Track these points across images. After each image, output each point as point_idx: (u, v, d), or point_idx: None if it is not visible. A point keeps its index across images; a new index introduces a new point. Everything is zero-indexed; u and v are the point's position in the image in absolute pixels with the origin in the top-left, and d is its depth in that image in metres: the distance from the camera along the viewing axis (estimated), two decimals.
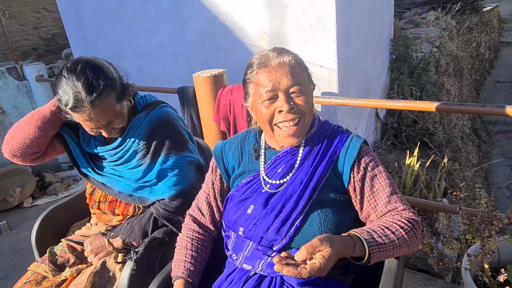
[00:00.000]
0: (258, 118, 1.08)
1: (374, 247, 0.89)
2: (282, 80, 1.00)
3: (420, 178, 2.60)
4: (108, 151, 1.38)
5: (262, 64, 1.03)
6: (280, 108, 1.01)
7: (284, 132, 1.04)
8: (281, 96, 1.01)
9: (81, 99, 1.15)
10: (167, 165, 1.34)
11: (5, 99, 3.69)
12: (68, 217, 1.70)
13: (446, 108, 1.69)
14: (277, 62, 1.02)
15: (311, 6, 2.50)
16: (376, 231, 0.93)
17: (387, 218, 1.00)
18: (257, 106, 1.05)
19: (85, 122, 1.22)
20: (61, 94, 1.18)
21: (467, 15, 7.09)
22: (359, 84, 3.19)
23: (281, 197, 1.04)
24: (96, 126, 1.23)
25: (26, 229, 2.99)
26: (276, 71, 1.01)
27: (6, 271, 2.48)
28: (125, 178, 1.39)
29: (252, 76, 1.04)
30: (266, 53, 1.05)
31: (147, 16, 3.23)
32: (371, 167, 1.05)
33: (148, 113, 1.37)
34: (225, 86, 2.22)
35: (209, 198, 1.22)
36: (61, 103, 1.19)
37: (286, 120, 1.02)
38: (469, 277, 1.33)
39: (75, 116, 1.20)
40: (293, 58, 1.04)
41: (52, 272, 1.38)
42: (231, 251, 1.11)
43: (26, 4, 7.58)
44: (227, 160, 1.19)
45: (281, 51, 1.04)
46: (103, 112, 1.20)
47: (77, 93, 1.15)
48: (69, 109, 1.18)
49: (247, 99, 1.11)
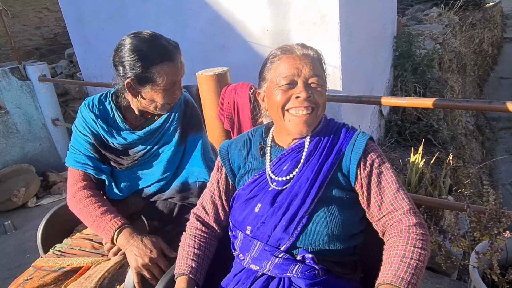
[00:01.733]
0: (272, 102, 1.08)
1: (415, 287, 0.88)
2: (304, 68, 1.03)
3: (425, 175, 2.59)
4: (148, 135, 1.40)
5: (287, 51, 1.07)
6: (298, 94, 1.03)
7: (296, 118, 1.04)
8: (300, 83, 1.03)
9: (171, 49, 1.29)
10: (199, 144, 1.45)
11: (8, 99, 3.69)
12: (73, 217, 1.69)
13: (452, 105, 1.68)
14: (301, 53, 1.06)
15: (314, 4, 2.48)
16: (403, 269, 0.90)
17: (399, 237, 0.98)
18: (273, 91, 1.06)
19: (172, 76, 1.29)
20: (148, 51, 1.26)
21: (470, 11, 7.06)
22: (363, 81, 3.18)
23: (288, 195, 1.04)
24: (180, 75, 1.33)
25: (31, 228, 3.00)
26: (300, 59, 1.04)
27: (12, 271, 2.49)
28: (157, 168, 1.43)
29: (275, 61, 1.07)
30: (291, 45, 1.09)
31: (148, 15, 3.22)
32: (377, 163, 1.04)
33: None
34: (229, 85, 2.21)
35: (214, 197, 1.21)
36: (155, 58, 1.26)
37: (301, 106, 1.03)
38: (477, 274, 1.32)
39: (166, 70, 1.27)
40: (316, 54, 1.09)
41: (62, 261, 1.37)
42: (238, 251, 1.11)
43: (28, 4, 7.59)
44: (232, 159, 1.19)
45: (306, 46, 1.09)
46: (183, 65, 1.34)
47: (167, 45, 1.29)
48: (167, 60, 1.27)
49: (262, 85, 1.12)
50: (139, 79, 1.27)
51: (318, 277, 0.99)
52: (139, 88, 1.30)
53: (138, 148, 1.41)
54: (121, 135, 1.39)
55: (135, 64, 1.25)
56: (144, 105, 1.36)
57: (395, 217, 1.01)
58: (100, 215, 1.33)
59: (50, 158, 4.01)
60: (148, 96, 1.32)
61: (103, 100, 1.44)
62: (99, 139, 1.41)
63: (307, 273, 0.99)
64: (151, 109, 1.37)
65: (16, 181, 3.55)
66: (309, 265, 1.00)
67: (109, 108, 1.42)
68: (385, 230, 1.03)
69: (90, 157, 1.41)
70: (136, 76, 1.27)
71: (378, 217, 1.03)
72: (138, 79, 1.27)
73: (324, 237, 0.99)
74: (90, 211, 1.35)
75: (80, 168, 1.41)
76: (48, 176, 3.65)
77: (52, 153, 4.03)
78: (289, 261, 1.00)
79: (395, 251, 0.94)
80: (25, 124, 3.82)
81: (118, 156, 1.41)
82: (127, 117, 1.43)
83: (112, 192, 1.45)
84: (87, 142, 1.41)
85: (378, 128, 3.83)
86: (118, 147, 1.40)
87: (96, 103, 1.43)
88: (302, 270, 0.99)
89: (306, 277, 0.99)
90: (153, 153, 1.42)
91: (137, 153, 1.41)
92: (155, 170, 1.42)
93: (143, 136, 1.39)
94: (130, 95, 1.34)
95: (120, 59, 1.28)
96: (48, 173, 3.69)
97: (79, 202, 1.38)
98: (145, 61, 1.25)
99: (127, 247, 1.29)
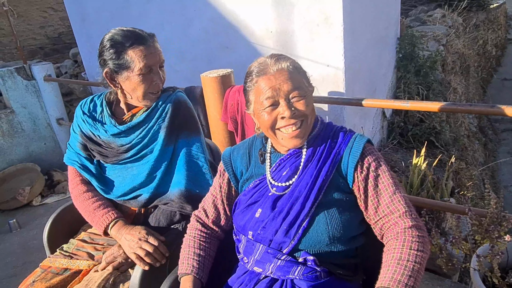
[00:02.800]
0: (261, 124, 1.10)
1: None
2: (282, 86, 1.02)
3: (427, 177, 2.59)
4: (130, 129, 1.41)
5: (261, 72, 1.05)
6: (282, 114, 1.03)
7: (287, 135, 1.06)
8: (282, 102, 1.03)
9: (143, 34, 1.34)
10: (189, 150, 1.44)
11: (14, 98, 3.72)
12: (79, 217, 1.71)
13: (455, 108, 1.69)
14: (275, 69, 1.04)
15: (318, 5, 2.49)
16: (400, 272, 0.91)
17: (395, 240, 0.98)
18: (259, 113, 1.07)
19: (145, 60, 1.31)
20: (121, 36, 1.32)
21: (473, 12, 7.04)
22: (365, 83, 3.19)
23: (288, 199, 1.05)
24: (155, 60, 1.34)
25: (35, 227, 3.03)
26: (275, 78, 1.03)
27: (17, 269, 2.51)
28: (141, 170, 1.43)
29: (252, 84, 1.07)
30: (264, 60, 1.07)
31: (151, 15, 3.24)
32: (374, 166, 1.05)
33: (169, 95, 1.47)
34: (233, 86, 2.22)
35: (216, 201, 1.23)
36: (125, 42, 1.30)
37: (289, 124, 1.04)
38: (478, 277, 1.33)
39: (138, 54, 1.30)
40: (291, 64, 1.06)
41: (68, 262, 1.40)
42: (242, 255, 1.13)
43: (33, 4, 7.63)
44: (235, 165, 1.21)
45: (279, 58, 1.06)
46: (159, 52, 1.36)
47: (139, 32, 1.34)
48: (138, 43, 1.30)
49: (249, 107, 1.13)
50: (116, 67, 1.32)
51: (320, 279, 1.01)
52: (117, 77, 1.34)
53: (122, 141, 1.43)
54: (104, 128, 1.43)
55: (109, 52, 1.31)
56: (128, 96, 1.40)
57: (391, 220, 1.02)
58: (94, 210, 1.40)
59: (55, 157, 4.04)
60: (127, 85, 1.35)
61: (95, 98, 1.50)
62: (86, 135, 1.46)
63: (309, 275, 1.00)
64: (135, 100, 1.41)
65: (21, 180, 3.58)
66: (311, 267, 1.01)
67: (99, 104, 1.48)
68: (383, 233, 1.04)
69: (78, 154, 1.48)
70: (113, 65, 1.32)
71: (375, 219, 1.05)
72: (115, 67, 1.32)
73: (325, 239, 1.01)
74: (85, 206, 1.42)
75: (71, 164, 1.49)
76: (53, 175, 3.68)
77: (56, 152, 4.06)
78: (291, 263, 1.02)
79: (392, 254, 0.95)
80: (30, 124, 3.85)
81: (103, 148, 1.45)
82: (116, 113, 1.47)
83: (101, 190, 1.48)
84: (77, 140, 1.48)
85: (380, 129, 3.83)
86: (103, 139, 1.44)
87: (88, 101, 1.50)
88: (304, 272, 1.00)
89: (308, 279, 1.00)
90: (138, 151, 1.42)
91: (120, 147, 1.43)
92: (142, 170, 1.43)
93: (125, 130, 1.41)
94: (113, 88, 1.39)
95: (100, 53, 1.35)
96: (52, 172, 3.72)
97: (76, 197, 1.46)
98: (117, 46, 1.31)
99: (120, 237, 1.35)
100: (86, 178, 1.48)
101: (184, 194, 1.39)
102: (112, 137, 1.43)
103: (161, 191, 1.42)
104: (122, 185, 1.44)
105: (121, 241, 1.34)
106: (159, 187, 1.42)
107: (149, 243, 1.31)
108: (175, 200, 1.40)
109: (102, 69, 1.37)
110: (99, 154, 1.46)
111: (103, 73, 1.35)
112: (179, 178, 1.40)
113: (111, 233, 1.38)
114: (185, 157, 1.42)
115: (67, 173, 4.20)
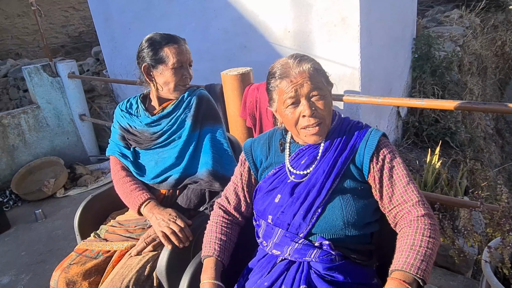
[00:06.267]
0: (285, 121, 1.19)
1: (425, 272, 0.95)
2: (303, 86, 1.10)
3: (441, 176, 2.62)
4: (161, 118, 1.60)
5: (283, 74, 1.13)
6: (303, 113, 1.11)
7: (309, 133, 1.14)
8: (303, 101, 1.11)
9: (176, 36, 1.57)
10: (213, 136, 1.61)
11: (40, 94, 3.88)
12: (106, 206, 1.82)
13: (469, 107, 1.73)
14: (297, 71, 1.11)
15: (335, 6, 2.55)
16: (413, 257, 0.97)
17: (409, 227, 1.05)
18: (282, 111, 1.16)
19: (178, 56, 1.52)
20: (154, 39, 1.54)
21: (492, 13, 6.96)
22: (381, 83, 3.23)
23: (306, 186, 1.13)
24: (186, 58, 1.55)
25: (60, 217, 3.17)
26: (297, 79, 1.11)
27: (44, 256, 2.65)
28: (171, 154, 1.60)
29: (276, 85, 1.15)
30: (286, 62, 1.14)
31: (173, 15, 3.34)
32: (389, 158, 1.12)
33: (194, 90, 1.67)
34: (252, 84, 2.31)
35: (237, 189, 1.32)
36: (162, 41, 1.53)
37: (310, 124, 1.12)
38: (489, 269, 1.38)
39: (172, 51, 1.51)
40: (312, 66, 1.13)
41: (103, 245, 1.51)
42: (261, 239, 1.20)
43: (55, 3, 7.86)
44: (255, 154, 1.30)
45: (301, 60, 1.13)
46: (189, 52, 1.57)
47: (173, 35, 1.57)
48: (173, 42, 1.53)
49: (272, 104, 1.21)
50: (153, 61, 1.53)
51: (335, 262, 1.08)
52: (153, 71, 1.55)
53: (154, 129, 1.61)
54: (139, 120, 1.63)
55: (148, 50, 1.53)
56: (160, 90, 1.58)
57: (405, 208, 1.08)
58: (130, 192, 1.56)
59: (77, 152, 4.19)
60: (160, 79, 1.55)
61: (131, 99, 1.72)
62: (124, 127, 1.66)
63: (325, 258, 1.08)
64: (166, 92, 1.59)
65: (45, 173, 3.74)
66: (326, 251, 1.08)
67: (134, 102, 1.70)
68: (396, 221, 1.11)
69: (118, 144, 1.68)
70: (150, 59, 1.53)
71: (389, 208, 1.11)
72: (152, 61, 1.53)
73: (340, 224, 1.08)
74: (124, 188, 1.58)
75: (112, 154, 1.68)
76: (75, 168, 3.83)
77: (78, 147, 4.21)
78: (307, 247, 1.09)
79: (406, 240, 1.02)
80: (54, 119, 4.01)
81: (138, 137, 1.64)
82: (149, 108, 1.67)
83: (137, 174, 1.64)
84: (116, 133, 1.69)
85: (395, 129, 3.86)
86: (138, 129, 1.63)
87: (125, 102, 1.72)
88: (320, 255, 1.08)
89: (324, 262, 1.07)
90: (168, 137, 1.60)
91: (153, 135, 1.61)
92: (171, 153, 1.60)
93: (157, 119, 1.61)
94: (149, 82, 1.58)
95: (139, 53, 1.58)
96: (75, 165, 3.86)
97: (117, 182, 1.63)
98: (154, 45, 1.53)
99: (151, 216, 1.48)
100: (125, 164, 1.65)
101: (212, 173, 1.54)
102: (146, 127, 1.62)
103: (189, 172, 1.58)
104: (155, 168, 1.60)
105: (152, 220, 1.47)
106: (187, 168, 1.57)
107: (176, 224, 1.43)
108: (204, 179, 1.55)
109: (140, 66, 1.56)
110: (134, 142, 1.65)
111: (141, 68, 1.55)
112: (206, 159, 1.57)
113: (143, 212, 1.51)
114: (210, 141, 1.60)
115: (89, 167, 4.34)
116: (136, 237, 1.53)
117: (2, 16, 7.35)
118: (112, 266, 1.46)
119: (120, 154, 1.67)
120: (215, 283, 1.13)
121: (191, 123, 1.59)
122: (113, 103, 4.37)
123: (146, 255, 1.45)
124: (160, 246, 1.46)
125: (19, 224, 3.14)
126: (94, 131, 4.32)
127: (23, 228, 3.08)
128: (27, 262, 2.60)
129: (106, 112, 4.41)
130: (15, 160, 3.73)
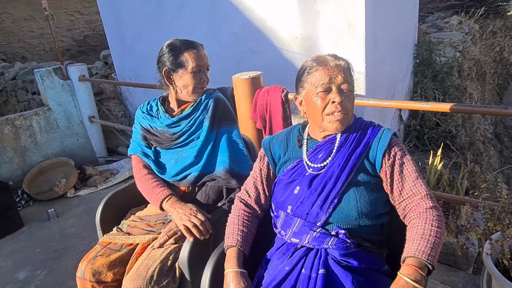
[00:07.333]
0: (312, 107, 1.26)
1: (434, 258, 1.05)
2: (337, 76, 1.21)
3: (443, 177, 2.72)
4: (180, 119, 1.69)
5: (322, 62, 1.24)
6: (333, 99, 1.21)
7: (334, 119, 1.23)
8: (334, 89, 1.21)
9: (195, 42, 1.67)
10: (229, 136, 1.71)
11: (51, 96, 3.98)
12: (125, 202, 1.90)
13: (471, 109, 1.83)
14: (334, 64, 1.23)
15: (342, 12, 2.65)
16: (424, 244, 1.07)
17: (418, 218, 1.14)
18: (312, 98, 1.25)
19: (197, 61, 1.61)
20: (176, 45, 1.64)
21: (490, 19, 7.10)
22: (385, 87, 3.33)
23: (323, 178, 1.23)
24: (204, 63, 1.65)
25: (71, 216, 3.25)
26: (333, 69, 1.22)
27: (58, 252, 2.73)
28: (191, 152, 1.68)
29: (312, 71, 1.25)
30: (324, 56, 1.27)
31: (184, 20, 3.44)
32: (400, 155, 1.22)
33: (211, 93, 1.76)
34: (262, 87, 2.40)
35: (256, 183, 1.42)
36: (182, 46, 1.62)
37: (336, 110, 1.22)
38: (490, 261, 1.47)
39: (192, 56, 1.61)
40: (346, 64, 1.26)
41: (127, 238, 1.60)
42: (279, 229, 1.30)
43: (62, 7, 7.98)
44: (274, 150, 1.40)
45: (337, 57, 1.26)
46: (206, 57, 1.68)
47: (192, 41, 1.67)
48: (192, 48, 1.62)
49: (300, 91, 1.30)
50: (173, 66, 1.62)
51: (350, 249, 1.18)
52: (173, 75, 1.63)
53: (174, 130, 1.70)
54: (159, 121, 1.73)
55: (168, 55, 1.62)
56: (179, 92, 1.68)
57: (414, 201, 1.18)
58: (152, 188, 1.65)
59: (86, 153, 4.28)
60: (180, 82, 1.64)
61: (151, 102, 1.82)
62: (145, 128, 1.75)
63: (341, 245, 1.17)
64: (185, 95, 1.68)
65: (56, 173, 3.83)
66: (342, 239, 1.18)
67: (154, 105, 1.79)
68: (405, 213, 1.21)
69: (140, 144, 1.77)
70: (171, 64, 1.61)
71: (399, 200, 1.21)
72: (172, 66, 1.62)
73: (354, 213, 1.18)
74: (146, 185, 1.67)
75: (134, 153, 1.77)
76: (85, 169, 3.91)
77: (87, 148, 4.30)
78: (325, 235, 1.19)
79: (416, 230, 1.12)
80: (65, 121, 4.10)
81: (158, 137, 1.73)
82: (168, 110, 1.77)
83: (158, 172, 1.73)
84: (138, 133, 1.78)
85: (397, 132, 3.95)
86: (159, 130, 1.72)
87: (145, 104, 1.82)
88: (337, 243, 1.17)
89: (340, 249, 1.17)
90: (187, 137, 1.69)
91: (173, 135, 1.70)
92: (190, 152, 1.69)
93: (176, 121, 1.69)
94: (169, 85, 1.67)
95: (160, 58, 1.65)
96: (85, 166, 3.95)
97: (139, 179, 1.71)
98: (175, 50, 1.62)
99: (172, 210, 1.57)
100: (146, 163, 1.74)
101: (229, 171, 1.63)
102: (166, 127, 1.71)
103: (207, 170, 1.67)
104: (175, 166, 1.69)
105: (173, 214, 1.56)
106: (205, 166, 1.67)
107: (197, 217, 1.52)
108: (221, 177, 1.64)
109: (160, 70, 1.65)
110: (155, 142, 1.73)
111: (162, 71, 1.64)
112: (223, 158, 1.66)
113: (165, 207, 1.61)
114: (226, 141, 1.69)
115: (98, 167, 4.44)
116: (157, 231, 1.62)
117: (9, 20, 7.47)
118: (136, 258, 1.55)
119: (142, 153, 1.76)
120: (239, 271, 1.22)
121: (209, 124, 1.69)
122: (121, 105, 4.47)
123: (168, 247, 1.53)
124: (181, 239, 1.55)
125: (32, 223, 3.23)
126: (103, 133, 4.41)
127: (36, 226, 3.16)
128: (43, 259, 2.68)
129: (115, 114, 4.51)
130: (26, 160, 3.82)
